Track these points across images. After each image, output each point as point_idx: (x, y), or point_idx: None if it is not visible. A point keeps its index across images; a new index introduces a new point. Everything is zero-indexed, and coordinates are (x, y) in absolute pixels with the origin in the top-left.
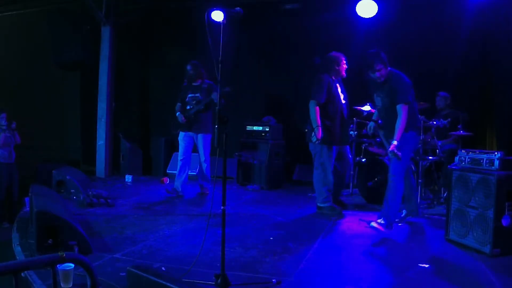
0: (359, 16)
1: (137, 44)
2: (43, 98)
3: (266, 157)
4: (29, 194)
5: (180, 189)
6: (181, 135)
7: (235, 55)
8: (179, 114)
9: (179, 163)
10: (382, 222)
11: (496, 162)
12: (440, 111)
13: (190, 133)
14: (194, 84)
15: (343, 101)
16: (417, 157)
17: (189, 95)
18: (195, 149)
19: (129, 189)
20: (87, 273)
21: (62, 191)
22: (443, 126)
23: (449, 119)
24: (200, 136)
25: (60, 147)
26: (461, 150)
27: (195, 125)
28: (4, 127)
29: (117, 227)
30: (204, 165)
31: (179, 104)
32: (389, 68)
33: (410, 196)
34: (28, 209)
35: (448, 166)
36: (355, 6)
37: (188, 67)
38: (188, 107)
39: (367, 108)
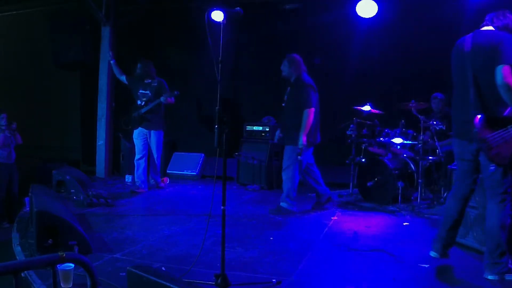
0: (359, 16)
1: (137, 44)
2: (43, 98)
3: (266, 157)
4: (29, 194)
5: (142, 185)
6: (135, 133)
7: (235, 55)
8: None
9: (136, 163)
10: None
11: None
12: (437, 112)
13: (143, 130)
14: (145, 81)
15: None
16: (417, 157)
17: (140, 91)
18: (194, 149)
19: (129, 189)
20: (87, 273)
21: (62, 191)
22: (439, 129)
23: (445, 121)
24: (152, 132)
25: (60, 147)
26: None
27: (146, 122)
28: (3, 127)
29: (117, 227)
30: (157, 162)
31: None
32: None
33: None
34: (28, 209)
35: (448, 166)
36: (355, 6)
37: (139, 65)
38: (138, 102)
39: (367, 108)
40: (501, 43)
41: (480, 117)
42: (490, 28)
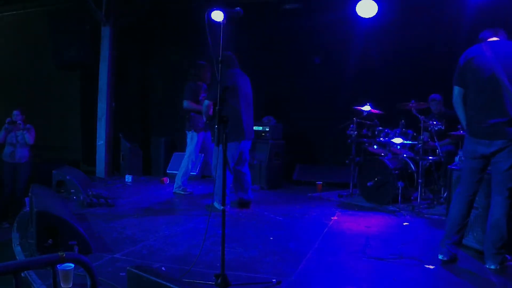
0: (359, 16)
1: (137, 44)
2: (43, 98)
3: (266, 157)
4: (29, 194)
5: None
6: (202, 135)
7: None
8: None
9: (193, 163)
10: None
11: None
12: (436, 113)
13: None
14: (199, 83)
15: None
16: (417, 157)
17: (202, 95)
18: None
19: (129, 189)
20: (87, 273)
21: (62, 191)
22: (438, 129)
23: (443, 121)
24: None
25: (60, 147)
26: (461, 150)
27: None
28: (5, 125)
29: (117, 227)
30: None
31: (187, 101)
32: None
33: None
34: (28, 209)
35: (448, 166)
36: (355, 6)
37: (194, 69)
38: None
39: (367, 108)
40: None
41: None
42: (497, 39)
